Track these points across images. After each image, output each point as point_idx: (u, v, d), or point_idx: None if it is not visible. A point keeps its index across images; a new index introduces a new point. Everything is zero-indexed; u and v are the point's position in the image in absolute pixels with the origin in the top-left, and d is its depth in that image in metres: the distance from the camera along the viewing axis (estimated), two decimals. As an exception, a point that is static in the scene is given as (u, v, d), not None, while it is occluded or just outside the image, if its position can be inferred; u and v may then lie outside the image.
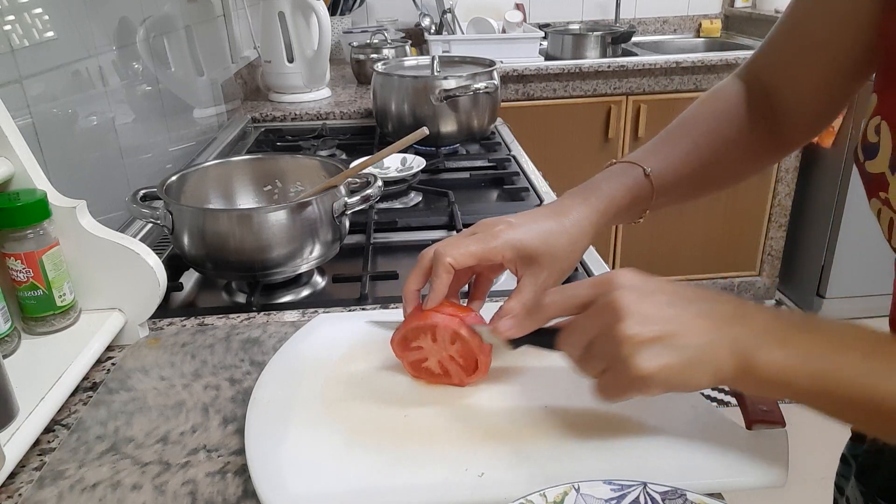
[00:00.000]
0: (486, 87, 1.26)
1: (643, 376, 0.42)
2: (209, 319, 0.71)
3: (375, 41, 1.93)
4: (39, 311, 0.61)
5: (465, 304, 0.57)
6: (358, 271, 0.80)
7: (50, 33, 0.82)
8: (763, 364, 0.41)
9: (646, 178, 0.59)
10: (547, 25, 2.53)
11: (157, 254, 0.65)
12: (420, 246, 0.90)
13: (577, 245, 0.55)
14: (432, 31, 2.33)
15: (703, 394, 0.53)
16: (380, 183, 0.80)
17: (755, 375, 0.41)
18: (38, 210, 0.58)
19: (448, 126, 1.29)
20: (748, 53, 0.67)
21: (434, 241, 0.89)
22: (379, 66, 1.37)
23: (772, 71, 0.62)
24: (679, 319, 0.43)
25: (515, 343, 0.51)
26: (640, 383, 0.42)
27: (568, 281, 0.56)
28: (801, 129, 0.63)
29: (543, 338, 0.49)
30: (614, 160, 0.61)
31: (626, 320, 0.42)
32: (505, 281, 0.77)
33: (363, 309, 0.71)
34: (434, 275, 0.53)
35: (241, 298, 0.78)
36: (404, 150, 1.06)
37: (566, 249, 0.55)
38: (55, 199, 0.61)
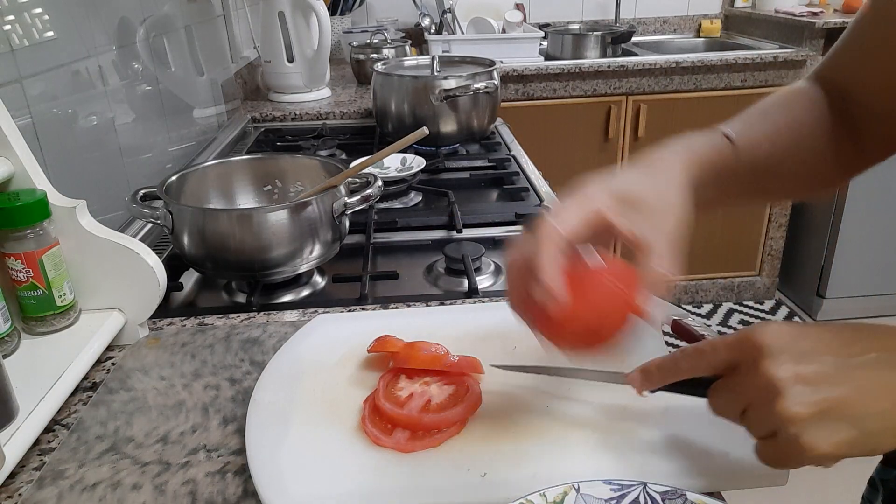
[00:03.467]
0: (486, 87, 1.26)
1: (817, 456, 0.37)
2: (209, 319, 0.71)
3: (375, 41, 1.93)
4: (39, 310, 0.61)
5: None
6: (358, 271, 0.80)
7: (50, 33, 0.82)
8: None
9: (728, 143, 0.54)
10: (547, 25, 2.53)
11: (157, 254, 0.65)
12: (420, 246, 0.90)
13: (671, 187, 0.49)
14: (432, 31, 2.33)
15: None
16: (380, 183, 0.80)
17: None
18: (38, 210, 0.58)
19: (448, 126, 1.29)
20: (748, 53, 0.66)
21: (434, 241, 0.91)
22: (379, 66, 1.37)
23: (846, 78, 0.58)
24: (848, 382, 0.37)
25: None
26: (814, 461, 0.38)
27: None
28: (878, 141, 0.58)
29: (688, 388, 0.45)
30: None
31: (786, 397, 0.37)
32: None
33: (363, 309, 0.71)
34: (542, 253, 0.44)
35: (241, 298, 0.78)
36: (404, 150, 1.05)
37: (663, 201, 0.48)
38: (55, 198, 0.61)
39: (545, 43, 2.34)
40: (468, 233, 0.92)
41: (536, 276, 0.43)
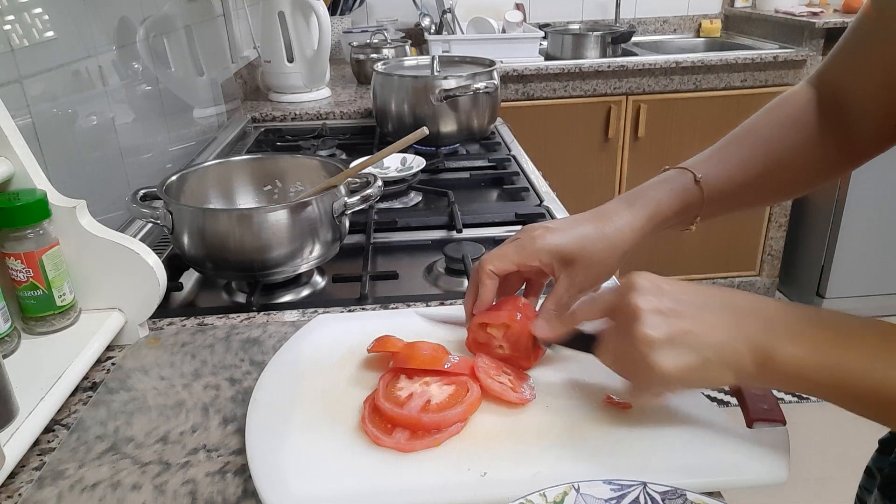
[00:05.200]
0: (486, 87, 1.26)
1: (662, 375, 0.43)
2: (209, 319, 0.71)
3: (375, 41, 1.93)
4: (39, 310, 0.61)
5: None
6: (358, 271, 0.80)
7: (50, 33, 0.82)
8: (781, 359, 0.42)
9: (696, 185, 0.58)
10: (547, 25, 2.53)
11: (157, 254, 0.65)
12: (420, 246, 0.90)
13: (615, 251, 0.56)
14: (432, 31, 2.33)
15: (703, 393, 0.53)
16: (380, 183, 0.80)
17: (774, 371, 0.42)
18: (38, 210, 0.58)
19: (448, 126, 1.29)
20: (748, 53, 0.66)
21: (434, 241, 0.91)
22: (379, 66, 1.37)
23: (843, 77, 0.59)
24: (694, 317, 0.44)
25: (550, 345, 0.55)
26: (661, 382, 0.44)
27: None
28: (872, 139, 0.60)
29: (580, 342, 0.52)
30: (668, 166, 0.61)
31: (642, 320, 0.44)
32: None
33: (363, 309, 0.71)
34: (480, 283, 0.56)
35: (241, 298, 0.78)
36: (404, 150, 1.06)
37: (604, 254, 0.56)
38: (55, 198, 0.61)
39: (545, 43, 2.34)
40: (468, 233, 0.92)
41: (467, 290, 0.59)
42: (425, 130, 0.74)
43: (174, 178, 0.79)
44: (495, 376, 0.53)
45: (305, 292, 0.79)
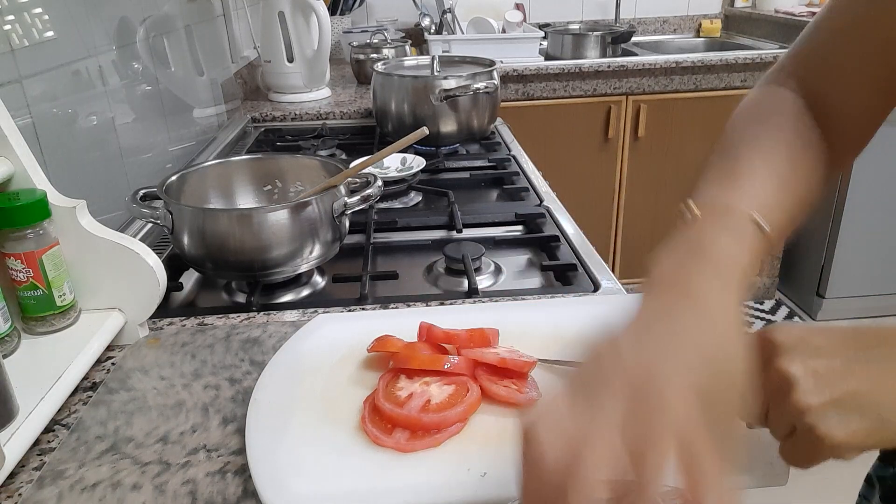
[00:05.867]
0: (486, 87, 1.26)
1: (835, 446, 0.37)
2: (209, 319, 0.71)
3: (375, 41, 1.93)
4: (39, 310, 0.61)
5: None
6: (358, 271, 0.80)
7: (50, 33, 0.82)
8: None
9: (761, 236, 0.43)
10: (547, 25, 2.53)
11: (157, 254, 0.65)
12: (420, 246, 0.90)
13: (735, 349, 0.37)
14: (432, 31, 2.33)
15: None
16: (380, 183, 0.80)
17: None
18: (38, 210, 0.58)
19: (448, 126, 1.29)
20: (748, 53, 0.63)
21: (434, 241, 0.91)
22: (379, 66, 1.37)
23: (822, 76, 0.54)
24: (859, 375, 0.38)
25: None
26: (831, 452, 0.38)
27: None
28: (851, 140, 0.55)
29: None
30: (685, 205, 0.45)
31: (799, 388, 0.38)
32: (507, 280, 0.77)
33: (363, 309, 0.71)
34: None
35: (241, 298, 0.78)
36: (404, 150, 1.05)
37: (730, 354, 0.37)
38: (55, 198, 0.61)
39: (545, 43, 2.34)
40: (468, 233, 0.92)
41: None
42: (425, 130, 0.74)
43: (174, 178, 0.79)
44: (499, 381, 0.53)
45: (305, 292, 0.79)
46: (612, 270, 1.13)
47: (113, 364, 0.63)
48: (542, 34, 2.27)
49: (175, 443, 0.52)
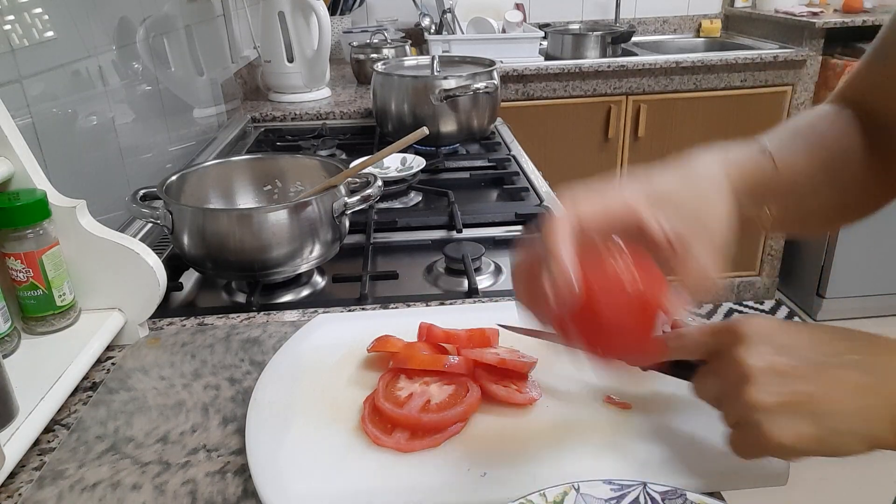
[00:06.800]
0: (486, 87, 1.26)
1: (778, 447, 0.37)
2: (209, 319, 0.71)
3: (375, 41, 1.93)
4: (39, 310, 0.61)
5: None
6: (358, 271, 0.80)
7: (50, 33, 0.82)
8: None
9: (767, 156, 0.49)
10: (547, 25, 2.53)
11: (157, 254, 0.65)
12: (420, 246, 0.90)
13: (714, 189, 0.45)
14: (432, 30, 2.33)
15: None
16: (380, 183, 0.80)
17: None
18: (38, 210, 0.58)
19: (448, 126, 1.29)
20: (748, 53, 0.64)
21: (434, 241, 0.91)
22: (379, 66, 1.37)
23: (875, 97, 0.54)
24: (819, 379, 0.37)
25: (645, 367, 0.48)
26: (775, 452, 0.38)
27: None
28: None
29: (677, 370, 0.46)
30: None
31: (754, 383, 0.37)
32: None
33: (363, 309, 0.71)
34: (558, 231, 0.41)
35: (241, 298, 0.78)
36: (404, 150, 1.05)
37: (702, 192, 0.44)
38: (55, 198, 0.61)
39: (545, 43, 2.34)
40: (468, 233, 0.92)
41: (547, 259, 0.39)
42: (425, 130, 0.74)
43: (174, 178, 0.79)
44: (499, 381, 0.53)
45: (305, 292, 0.79)
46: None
47: (113, 364, 0.63)
48: (542, 34, 2.27)
49: (175, 443, 0.52)
